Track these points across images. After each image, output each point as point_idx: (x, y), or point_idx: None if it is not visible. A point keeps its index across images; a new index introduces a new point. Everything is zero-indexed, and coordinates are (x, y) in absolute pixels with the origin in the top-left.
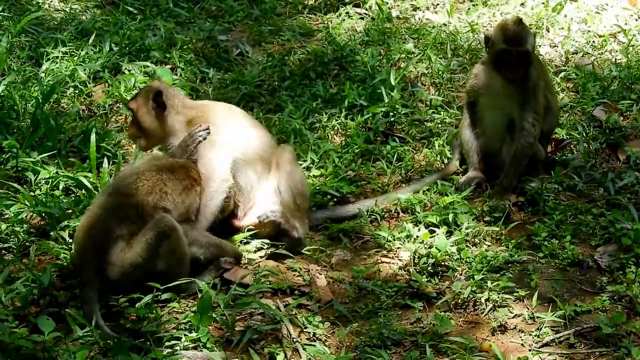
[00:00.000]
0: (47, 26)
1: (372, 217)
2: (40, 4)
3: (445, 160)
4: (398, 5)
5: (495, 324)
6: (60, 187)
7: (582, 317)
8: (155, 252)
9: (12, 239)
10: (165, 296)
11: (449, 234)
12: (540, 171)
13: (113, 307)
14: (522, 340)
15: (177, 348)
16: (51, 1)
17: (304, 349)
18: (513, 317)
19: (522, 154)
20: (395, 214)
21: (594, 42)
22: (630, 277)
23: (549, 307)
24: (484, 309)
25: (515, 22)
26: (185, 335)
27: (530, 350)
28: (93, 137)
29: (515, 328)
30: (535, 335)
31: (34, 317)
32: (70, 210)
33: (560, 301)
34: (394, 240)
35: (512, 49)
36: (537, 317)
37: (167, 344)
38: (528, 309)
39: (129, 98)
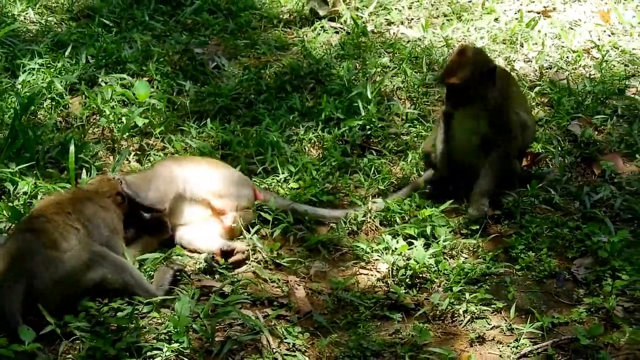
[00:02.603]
0: (23, 38)
1: (350, 228)
2: (15, 16)
3: (422, 173)
4: (373, 20)
5: (474, 335)
6: (39, 198)
7: (560, 328)
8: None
9: None
10: (146, 308)
11: (427, 246)
12: (516, 185)
13: (94, 316)
14: (500, 351)
15: (159, 359)
16: (27, 13)
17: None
18: (491, 329)
19: (496, 161)
20: (374, 226)
21: (567, 57)
22: (606, 289)
23: (526, 318)
24: (462, 320)
25: (453, 53)
26: (166, 345)
27: None
28: (72, 148)
29: (493, 339)
30: (514, 347)
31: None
32: None
33: (538, 313)
34: (372, 252)
35: (442, 79)
36: (515, 329)
37: (148, 354)
38: (506, 320)
39: (106, 110)
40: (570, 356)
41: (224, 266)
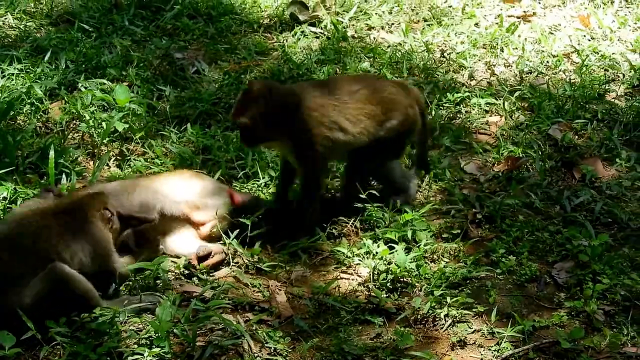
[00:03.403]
0: (2, 43)
1: (331, 233)
2: None
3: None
4: (353, 25)
5: (455, 339)
6: (19, 203)
7: (541, 332)
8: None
9: None
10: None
11: (408, 250)
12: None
13: (73, 322)
14: (481, 355)
15: None
16: (5, 18)
17: None
18: (472, 333)
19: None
20: (354, 230)
21: (548, 62)
22: (587, 293)
23: (507, 322)
24: (443, 324)
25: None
26: (147, 350)
27: None
28: (52, 153)
29: (474, 343)
30: (495, 350)
31: None
32: None
33: (519, 317)
34: (353, 256)
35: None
36: (496, 332)
37: (129, 359)
38: (487, 324)
39: (87, 115)
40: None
41: (203, 270)
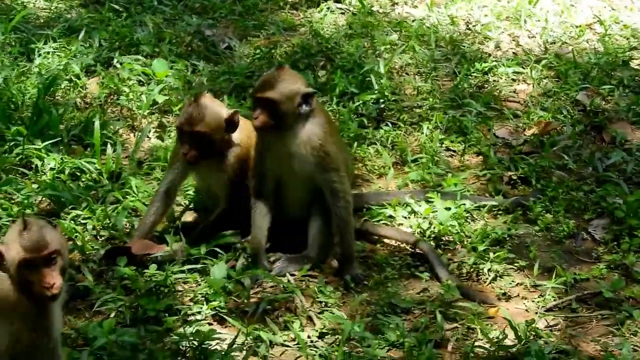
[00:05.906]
0: (34, 24)
1: None
2: (25, 3)
3: (437, 144)
4: (377, 1)
5: (499, 292)
6: (66, 172)
7: (582, 284)
8: None
9: None
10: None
11: (448, 209)
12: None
13: (125, 278)
14: (525, 306)
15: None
16: (36, 0)
17: (319, 317)
18: (515, 286)
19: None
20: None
21: (571, 32)
22: (625, 246)
23: (549, 276)
24: (487, 278)
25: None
26: (204, 306)
27: (537, 313)
28: (97, 123)
29: (518, 295)
30: (539, 302)
31: None
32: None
33: (560, 270)
34: (397, 215)
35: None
36: (540, 285)
37: (188, 312)
38: (529, 278)
39: (126, 89)
40: (594, 309)
41: None
